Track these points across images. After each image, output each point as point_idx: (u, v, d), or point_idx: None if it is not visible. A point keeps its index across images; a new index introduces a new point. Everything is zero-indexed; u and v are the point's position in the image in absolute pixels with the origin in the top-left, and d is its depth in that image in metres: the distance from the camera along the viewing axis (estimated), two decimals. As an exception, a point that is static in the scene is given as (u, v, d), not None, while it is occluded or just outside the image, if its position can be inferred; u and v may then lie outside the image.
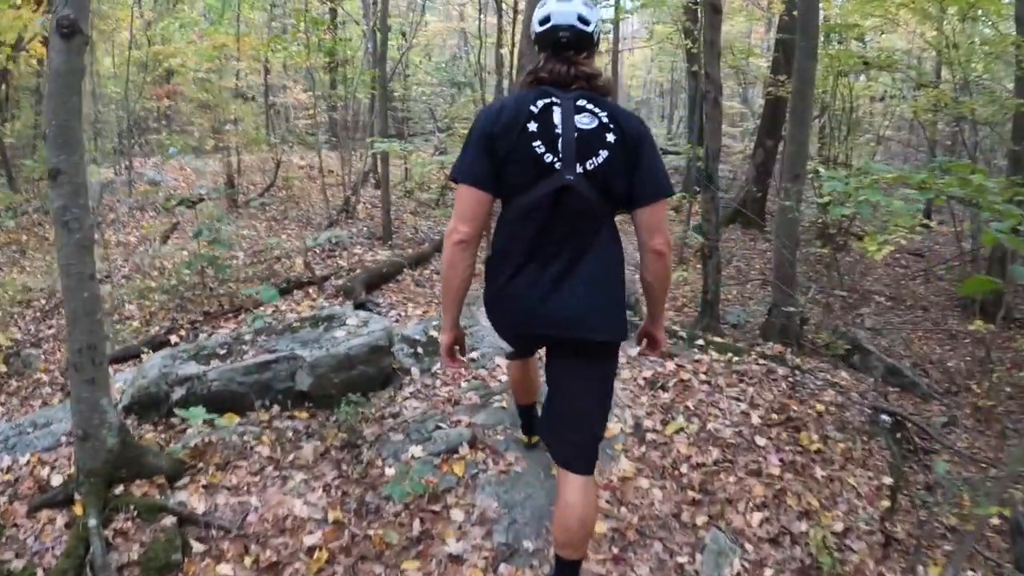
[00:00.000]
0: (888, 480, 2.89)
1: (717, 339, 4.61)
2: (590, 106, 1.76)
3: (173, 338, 4.79)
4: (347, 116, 11.70)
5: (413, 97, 13.31)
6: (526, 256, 1.77)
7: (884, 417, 3.57)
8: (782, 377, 3.64)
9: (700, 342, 3.77)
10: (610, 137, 1.73)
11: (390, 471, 2.57)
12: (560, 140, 1.72)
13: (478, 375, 3.30)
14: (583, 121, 1.73)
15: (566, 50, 1.79)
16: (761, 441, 2.95)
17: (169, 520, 2.29)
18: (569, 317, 1.76)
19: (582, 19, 1.77)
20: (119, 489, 2.38)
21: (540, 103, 1.74)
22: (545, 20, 1.79)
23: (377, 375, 3.23)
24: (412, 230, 8.45)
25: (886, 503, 2.73)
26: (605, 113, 1.75)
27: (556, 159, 1.72)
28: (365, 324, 3.30)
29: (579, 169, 1.72)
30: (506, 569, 2.17)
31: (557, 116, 1.73)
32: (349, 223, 8.34)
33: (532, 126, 1.72)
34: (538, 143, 1.71)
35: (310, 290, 5.63)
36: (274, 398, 3.13)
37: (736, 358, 3.69)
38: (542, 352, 2.10)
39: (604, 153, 1.72)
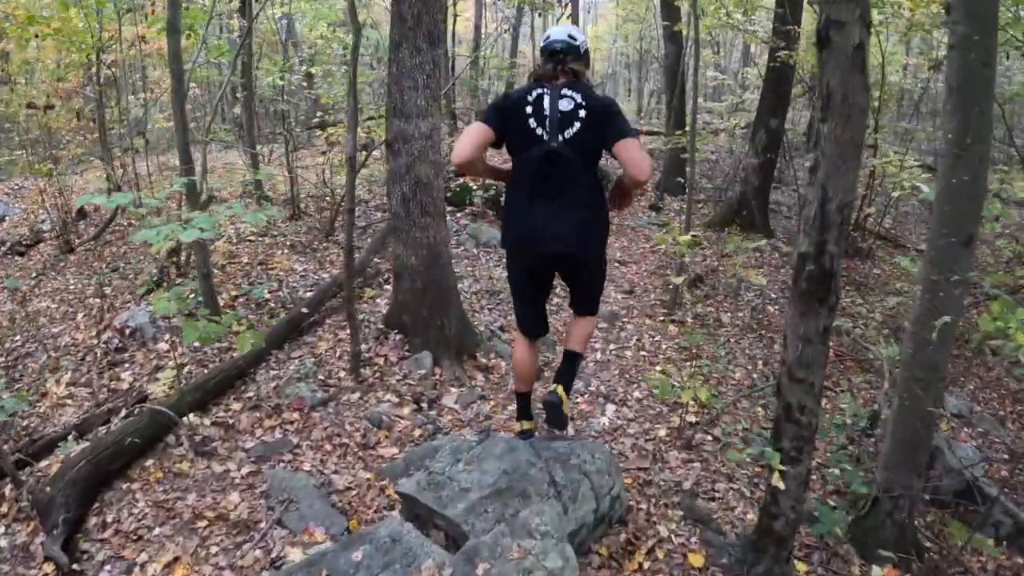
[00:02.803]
0: None
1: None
2: (570, 93, 2.66)
3: None
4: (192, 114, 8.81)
5: (298, 83, 10.18)
6: (529, 198, 2.72)
7: None
8: None
9: None
10: (582, 113, 2.63)
11: None
12: (548, 119, 2.65)
13: None
14: (563, 104, 2.64)
15: (558, 55, 2.74)
16: None
17: None
18: (559, 236, 2.68)
19: (571, 36, 2.78)
20: None
21: (535, 93, 2.68)
22: (547, 38, 2.80)
23: None
24: (275, 284, 5.70)
25: None
26: (579, 95, 2.65)
27: (544, 132, 2.65)
28: None
29: (560, 138, 2.64)
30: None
31: (546, 102, 2.66)
32: (180, 284, 5.59)
33: (528, 109, 2.67)
34: (532, 120, 2.66)
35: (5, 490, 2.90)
36: None
37: None
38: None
39: (577, 124, 2.63)
